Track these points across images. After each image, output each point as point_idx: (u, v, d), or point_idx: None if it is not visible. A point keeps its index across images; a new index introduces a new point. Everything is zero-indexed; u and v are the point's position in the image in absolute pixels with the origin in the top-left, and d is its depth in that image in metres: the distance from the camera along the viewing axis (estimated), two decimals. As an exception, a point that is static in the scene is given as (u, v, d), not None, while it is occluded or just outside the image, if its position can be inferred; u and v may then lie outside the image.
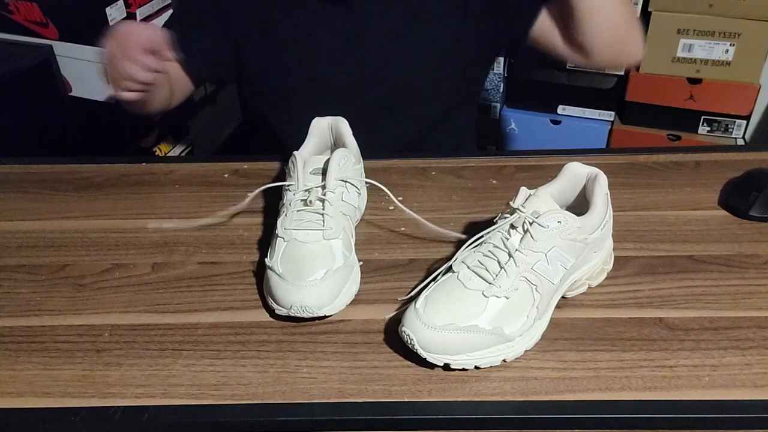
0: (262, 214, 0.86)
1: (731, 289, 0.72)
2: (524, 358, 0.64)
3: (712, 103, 1.85)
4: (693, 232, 0.81)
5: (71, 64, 1.51)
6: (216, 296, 0.73)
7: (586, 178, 0.71)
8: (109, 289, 0.75)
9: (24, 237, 0.83)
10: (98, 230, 0.84)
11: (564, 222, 0.64)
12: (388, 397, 0.61)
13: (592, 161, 0.74)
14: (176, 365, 0.65)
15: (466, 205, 0.87)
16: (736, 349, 0.65)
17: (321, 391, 0.62)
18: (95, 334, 0.69)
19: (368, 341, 0.67)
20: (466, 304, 0.63)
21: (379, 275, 0.75)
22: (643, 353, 0.64)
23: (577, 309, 0.70)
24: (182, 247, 0.80)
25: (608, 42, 0.94)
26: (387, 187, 0.79)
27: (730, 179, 0.89)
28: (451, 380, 0.62)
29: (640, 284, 0.73)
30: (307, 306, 0.66)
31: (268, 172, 0.94)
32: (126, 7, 1.50)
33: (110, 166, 0.98)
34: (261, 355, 0.66)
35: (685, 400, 0.60)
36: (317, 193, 0.74)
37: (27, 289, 0.75)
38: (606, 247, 0.72)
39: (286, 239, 0.72)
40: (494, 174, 0.91)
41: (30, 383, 0.64)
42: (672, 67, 1.83)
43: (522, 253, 0.64)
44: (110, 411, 0.60)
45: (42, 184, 0.94)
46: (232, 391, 0.62)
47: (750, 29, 1.73)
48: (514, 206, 0.66)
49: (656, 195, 0.88)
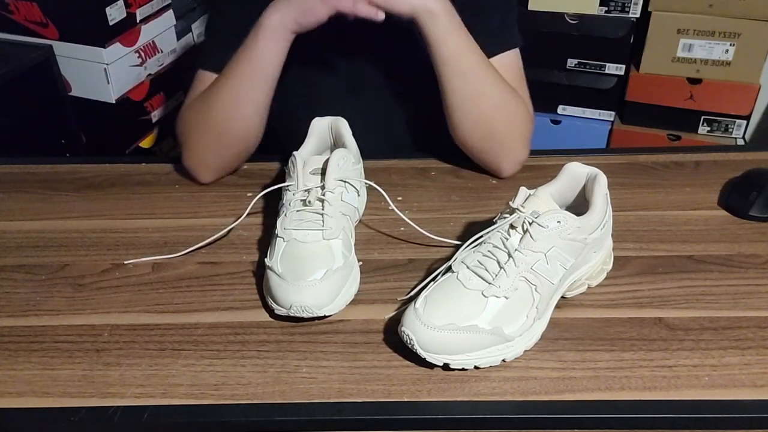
0: (262, 214, 0.86)
1: (731, 289, 0.72)
2: (524, 358, 0.64)
3: (712, 103, 1.85)
4: (693, 232, 0.81)
5: (71, 64, 1.51)
6: (216, 296, 0.73)
7: (586, 178, 0.71)
8: (109, 289, 0.75)
9: (24, 237, 0.83)
10: (98, 230, 0.84)
11: (563, 222, 0.64)
12: (388, 397, 0.61)
13: (592, 161, 0.74)
14: (176, 365, 0.65)
15: (466, 205, 0.87)
16: (736, 349, 0.65)
17: (321, 391, 0.62)
18: (95, 334, 0.69)
19: (368, 341, 0.67)
20: (466, 304, 0.63)
21: (379, 275, 0.75)
22: (643, 353, 0.64)
23: (577, 309, 0.70)
24: (182, 247, 0.80)
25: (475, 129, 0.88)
26: (387, 187, 0.79)
27: (730, 179, 0.89)
28: (450, 380, 0.62)
29: (640, 284, 0.73)
30: (307, 306, 0.66)
31: (268, 172, 0.94)
32: (126, 7, 1.51)
33: (110, 166, 0.98)
34: (261, 355, 0.66)
35: (685, 400, 0.60)
36: (317, 194, 0.74)
37: (27, 289, 0.75)
38: (606, 247, 0.72)
39: (285, 239, 0.72)
40: (494, 174, 0.91)
41: (30, 383, 0.64)
42: (672, 67, 1.83)
43: (521, 253, 0.64)
44: (110, 411, 0.60)
45: (42, 184, 0.94)
46: (231, 391, 0.62)
47: (750, 29, 1.73)
48: (513, 206, 0.66)
49: (656, 195, 0.88)
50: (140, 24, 1.57)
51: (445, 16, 0.83)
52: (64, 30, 1.48)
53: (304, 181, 0.75)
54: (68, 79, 1.53)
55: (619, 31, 1.83)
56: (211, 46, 0.97)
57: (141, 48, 1.58)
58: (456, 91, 0.86)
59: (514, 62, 0.94)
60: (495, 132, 0.88)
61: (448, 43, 0.84)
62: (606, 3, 1.81)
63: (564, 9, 1.84)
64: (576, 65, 1.92)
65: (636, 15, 1.81)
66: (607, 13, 1.82)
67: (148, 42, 1.60)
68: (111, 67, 1.50)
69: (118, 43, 1.51)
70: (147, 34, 1.59)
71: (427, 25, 0.83)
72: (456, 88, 0.86)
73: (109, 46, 1.49)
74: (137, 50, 1.57)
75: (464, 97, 0.87)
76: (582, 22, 1.85)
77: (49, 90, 1.50)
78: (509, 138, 0.89)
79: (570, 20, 1.85)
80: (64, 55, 1.50)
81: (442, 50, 0.84)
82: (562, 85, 1.95)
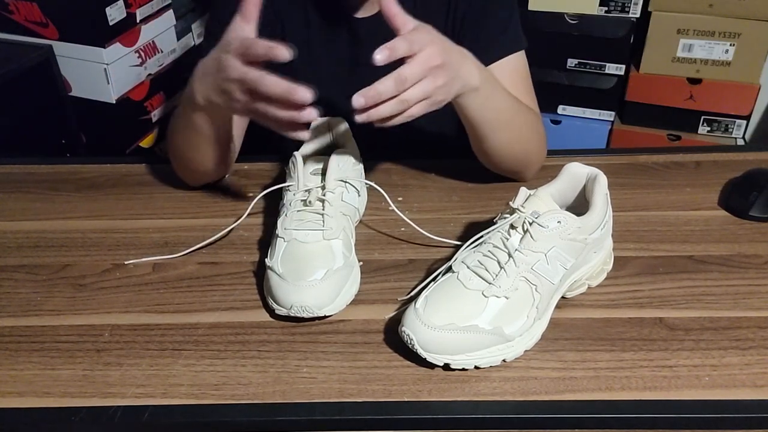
0: (262, 214, 0.86)
1: (731, 289, 0.72)
2: (524, 358, 0.64)
3: (712, 103, 1.85)
4: (693, 232, 0.81)
5: (71, 64, 1.51)
6: (216, 296, 0.73)
7: (586, 179, 0.71)
8: (110, 289, 0.75)
9: (24, 237, 0.83)
10: (99, 230, 0.84)
11: (564, 222, 0.65)
12: (388, 397, 0.61)
13: (592, 161, 0.74)
14: (176, 365, 0.65)
15: (466, 205, 0.87)
16: (736, 349, 0.65)
17: (321, 391, 0.62)
18: (95, 334, 0.69)
19: (368, 341, 0.67)
20: (466, 304, 0.63)
21: (379, 275, 0.75)
22: (643, 353, 0.64)
23: (577, 309, 0.70)
24: (183, 248, 0.80)
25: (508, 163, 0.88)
26: (387, 187, 0.79)
27: (730, 179, 0.89)
28: (451, 380, 0.62)
29: (640, 284, 0.73)
30: (307, 306, 0.66)
31: (268, 172, 0.94)
32: (126, 7, 1.50)
33: (111, 167, 0.98)
34: (261, 355, 0.66)
35: (685, 400, 0.60)
36: (317, 194, 0.74)
37: (27, 289, 0.75)
38: (606, 247, 0.72)
39: (286, 239, 0.72)
40: (494, 174, 0.91)
41: (30, 383, 0.64)
42: (672, 67, 1.83)
43: (522, 253, 0.64)
44: (110, 411, 0.60)
45: (42, 184, 0.94)
46: (232, 391, 0.62)
47: (750, 29, 1.73)
48: (513, 206, 0.66)
49: (656, 195, 0.88)
50: (140, 24, 1.57)
51: (485, 84, 0.77)
52: (64, 30, 1.48)
53: (305, 182, 0.75)
54: (68, 79, 1.53)
55: (619, 31, 1.83)
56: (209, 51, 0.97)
57: (141, 48, 1.58)
58: (494, 141, 0.84)
59: (521, 65, 0.94)
60: (526, 157, 0.88)
61: (488, 107, 0.80)
62: (606, 3, 1.81)
63: (564, 9, 1.84)
64: (576, 65, 1.92)
65: (636, 15, 1.81)
66: (607, 13, 1.82)
67: (148, 42, 1.60)
68: (111, 67, 1.50)
69: (118, 43, 1.51)
70: (147, 34, 1.59)
71: (469, 100, 0.77)
72: (494, 139, 0.84)
73: (109, 46, 1.48)
74: (137, 50, 1.57)
75: (503, 143, 0.85)
76: (582, 22, 1.85)
77: (49, 90, 1.50)
78: (537, 155, 0.90)
79: (570, 20, 1.85)
80: (64, 55, 1.50)
81: (484, 116, 0.80)
82: (562, 85, 1.95)
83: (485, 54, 0.91)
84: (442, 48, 0.70)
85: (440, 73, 0.69)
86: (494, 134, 0.83)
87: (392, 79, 0.65)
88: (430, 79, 0.68)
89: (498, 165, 0.89)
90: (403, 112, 0.68)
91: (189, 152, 0.85)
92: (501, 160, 0.88)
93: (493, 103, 0.80)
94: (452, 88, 0.72)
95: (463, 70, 0.74)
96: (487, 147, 0.85)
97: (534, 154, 0.89)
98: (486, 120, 0.81)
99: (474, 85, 0.76)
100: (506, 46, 0.92)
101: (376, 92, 0.64)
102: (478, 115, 0.80)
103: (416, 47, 0.67)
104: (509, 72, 0.91)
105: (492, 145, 0.84)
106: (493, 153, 0.86)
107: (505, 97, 0.83)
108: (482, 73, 0.78)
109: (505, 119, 0.83)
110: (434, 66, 0.68)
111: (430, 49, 0.68)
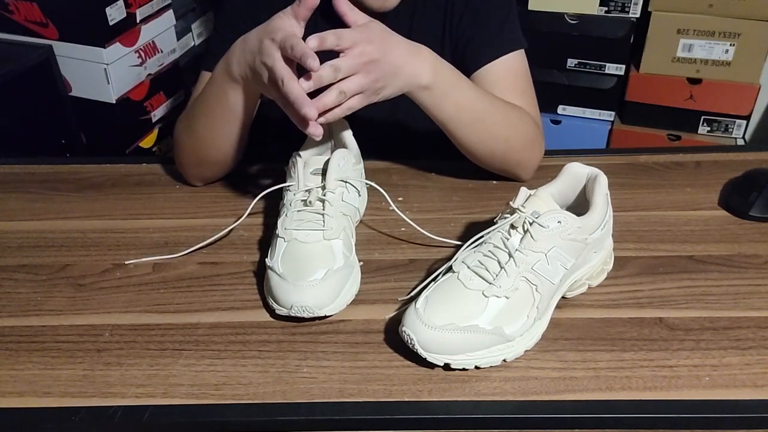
0: (263, 214, 0.86)
1: (731, 289, 0.72)
2: (524, 358, 0.64)
3: (712, 103, 1.85)
4: (693, 232, 0.81)
5: (71, 64, 1.51)
6: (216, 296, 0.73)
7: (586, 179, 0.71)
8: (110, 289, 0.75)
9: (25, 237, 0.83)
10: (99, 230, 0.84)
11: (564, 222, 0.65)
12: (389, 396, 0.61)
13: (592, 161, 0.74)
14: (177, 365, 0.65)
15: (466, 205, 0.87)
16: (736, 349, 0.65)
17: (321, 390, 0.62)
18: (96, 333, 0.69)
19: (368, 341, 0.67)
20: (467, 304, 0.63)
21: (380, 275, 0.75)
22: (643, 353, 0.64)
23: (577, 309, 0.70)
24: (183, 248, 0.80)
25: (491, 160, 0.88)
26: (388, 187, 0.79)
27: (730, 179, 0.89)
28: (451, 380, 0.62)
29: (640, 284, 0.73)
30: (308, 306, 0.66)
31: (269, 172, 0.94)
32: (126, 7, 1.51)
33: (111, 167, 0.98)
34: (261, 355, 0.66)
35: (685, 400, 0.60)
36: (317, 194, 0.74)
37: (28, 289, 0.75)
38: (606, 247, 0.72)
39: (286, 239, 0.72)
40: (494, 174, 0.91)
41: (30, 383, 0.64)
42: (672, 67, 1.83)
43: (522, 253, 0.64)
44: (110, 411, 0.60)
45: (43, 184, 0.94)
46: (232, 391, 0.62)
47: (750, 29, 1.73)
48: (514, 206, 0.66)
49: (656, 195, 0.88)
50: (140, 24, 1.57)
51: (439, 83, 0.79)
52: (64, 30, 1.48)
53: (305, 182, 0.75)
54: (68, 79, 1.53)
55: (619, 31, 1.83)
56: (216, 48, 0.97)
57: (141, 48, 1.58)
58: (463, 139, 0.85)
59: (520, 64, 0.94)
60: (509, 156, 0.88)
61: (445, 106, 0.81)
62: (606, 3, 1.81)
63: (564, 9, 1.84)
64: (576, 65, 1.92)
65: (636, 15, 1.81)
66: (607, 13, 1.82)
67: (148, 42, 1.60)
68: (111, 67, 1.50)
69: (118, 43, 1.51)
70: (147, 34, 1.59)
71: (422, 98, 0.80)
72: (463, 137, 0.85)
73: (109, 46, 1.49)
74: (137, 50, 1.57)
75: (473, 141, 0.85)
76: (582, 22, 1.85)
77: (49, 90, 1.50)
78: (524, 153, 0.89)
79: (570, 20, 1.85)
80: (64, 55, 1.50)
81: (441, 114, 0.82)
82: (562, 85, 1.95)
83: (482, 53, 0.91)
84: (381, 46, 0.74)
85: (373, 69, 0.73)
86: (460, 132, 0.84)
87: (329, 67, 0.70)
88: (363, 74, 0.72)
89: (480, 163, 0.89)
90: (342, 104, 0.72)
91: (212, 131, 0.86)
92: (478, 158, 0.88)
93: (452, 101, 0.81)
94: (390, 84, 0.75)
95: (407, 68, 0.76)
96: (459, 144, 0.86)
97: (518, 152, 0.88)
98: (447, 118, 0.82)
99: (422, 84, 0.78)
100: (503, 46, 0.92)
101: (318, 76, 0.69)
102: (435, 112, 0.82)
103: (346, 42, 0.71)
104: (505, 71, 0.91)
105: (462, 142, 0.86)
106: (466, 151, 0.87)
107: (471, 96, 0.83)
108: (440, 72, 0.80)
109: (470, 118, 0.84)
110: (367, 61, 0.72)
111: (365, 46, 0.72)
